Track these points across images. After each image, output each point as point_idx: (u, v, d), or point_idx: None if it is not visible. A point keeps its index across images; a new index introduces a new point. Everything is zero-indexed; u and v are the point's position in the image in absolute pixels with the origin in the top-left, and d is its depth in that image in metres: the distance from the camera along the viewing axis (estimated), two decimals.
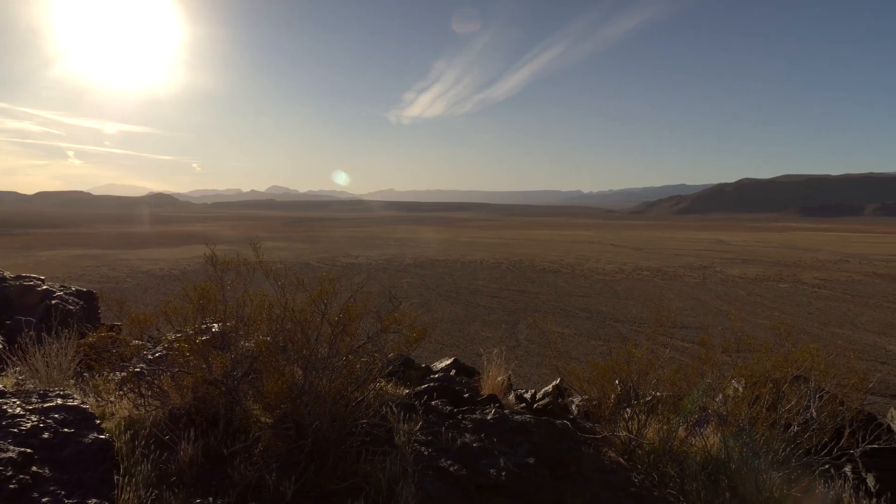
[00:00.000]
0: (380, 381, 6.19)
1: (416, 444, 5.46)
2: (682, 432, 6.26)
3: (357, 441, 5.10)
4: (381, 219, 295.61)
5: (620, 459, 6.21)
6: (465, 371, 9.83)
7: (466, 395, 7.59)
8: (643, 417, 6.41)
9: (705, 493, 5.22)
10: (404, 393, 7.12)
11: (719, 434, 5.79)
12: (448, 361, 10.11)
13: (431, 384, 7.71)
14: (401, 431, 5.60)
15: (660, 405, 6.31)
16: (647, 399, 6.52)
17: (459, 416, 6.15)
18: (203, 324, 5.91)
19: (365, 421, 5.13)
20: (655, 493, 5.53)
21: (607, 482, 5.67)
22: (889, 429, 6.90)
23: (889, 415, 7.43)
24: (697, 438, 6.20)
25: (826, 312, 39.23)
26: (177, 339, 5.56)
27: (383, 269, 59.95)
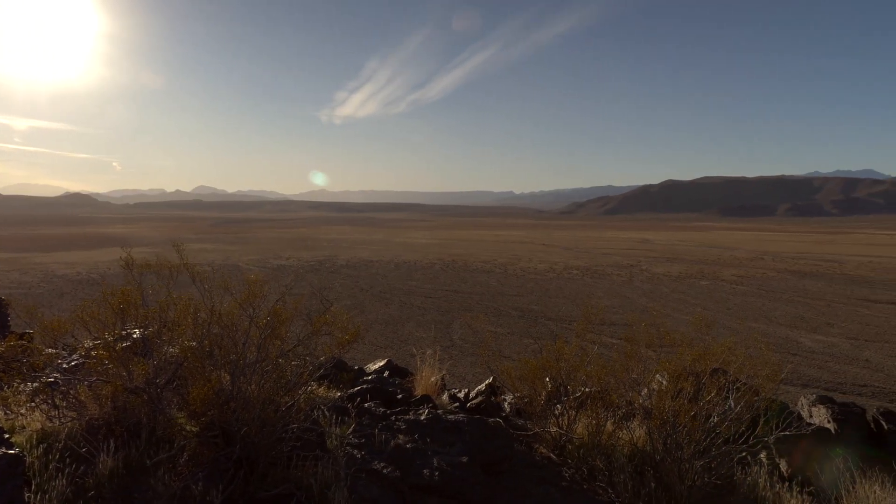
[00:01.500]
0: (311, 385, 6.09)
1: (348, 448, 5.40)
2: (610, 426, 6.43)
3: (288, 446, 4.99)
4: (313, 220, 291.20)
5: (551, 455, 6.33)
6: (399, 372, 9.80)
7: (400, 397, 7.57)
8: (573, 413, 6.55)
9: (632, 485, 5.38)
10: (337, 396, 7.03)
11: (645, 427, 5.97)
12: (381, 363, 10.06)
13: (365, 386, 7.65)
14: (333, 435, 5.53)
15: (589, 400, 6.46)
16: (577, 395, 6.66)
17: (393, 418, 6.13)
18: (123, 330, 5.65)
19: (295, 425, 5.03)
20: (585, 487, 5.67)
21: (539, 478, 5.77)
22: (799, 416, 7.31)
23: (799, 403, 7.87)
24: (625, 432, 6.39)
25: (743, 308, 41.19)
26: (94, 347, 5.29)
27: (315, 271, 59.04)
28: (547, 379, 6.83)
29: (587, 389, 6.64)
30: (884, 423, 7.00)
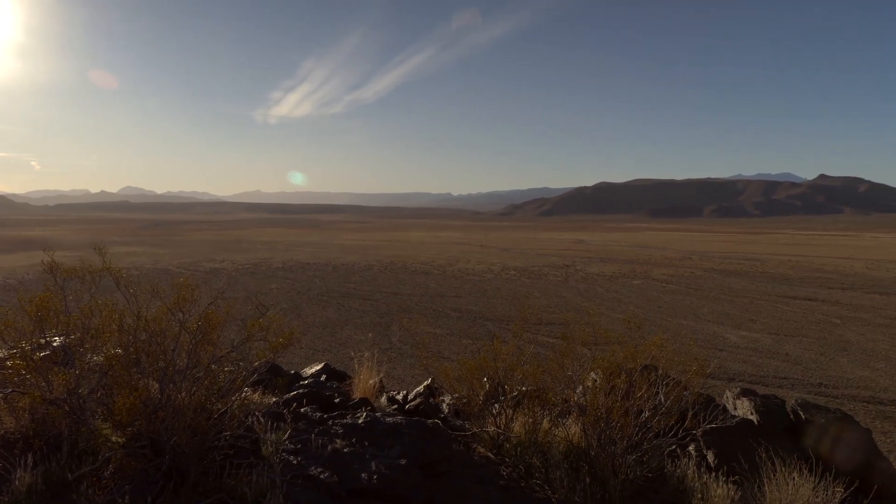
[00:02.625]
0: (245, 391, 5.94)
1: (284, 454, 5.30)
2: (546, 424, 6.53)
3: (221, 455, 4.85)
4: (248, 221, 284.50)
5: (489, 454, 6.38)
6: (337, 376, 9.69)
7: (337, 400, 7.48)
8: (510, 412, 6.63)
9: (568, 481, 5.49)
10: (272, 401, 6.89)
11: (580, 424, 6.10)
12: (318, 367, 9.92)
13: (301, 391, 7.52)
14: (268, 441, 5.41)
15: (526, 399, 6.55)
16: (514, 394, 6.74)
17: (330, 422, 6.05)
18: (42, 338, 5.37)
19: (229, 433, 4.90)
20: (522, 485, 5.74)
21: (477, 477, 5.81)
22: (725, 409, 7.62)
23: (725, 396, 8.20)
24: (561, 429, 6.51)
25: (673, 305, 42.68)
26: (10, 357, 5.00)
27: (250, 274, 57.70)
28: (485, 379, 6.88)
29: (524, 388, 6.73)
30: (801, 414, 7.38)
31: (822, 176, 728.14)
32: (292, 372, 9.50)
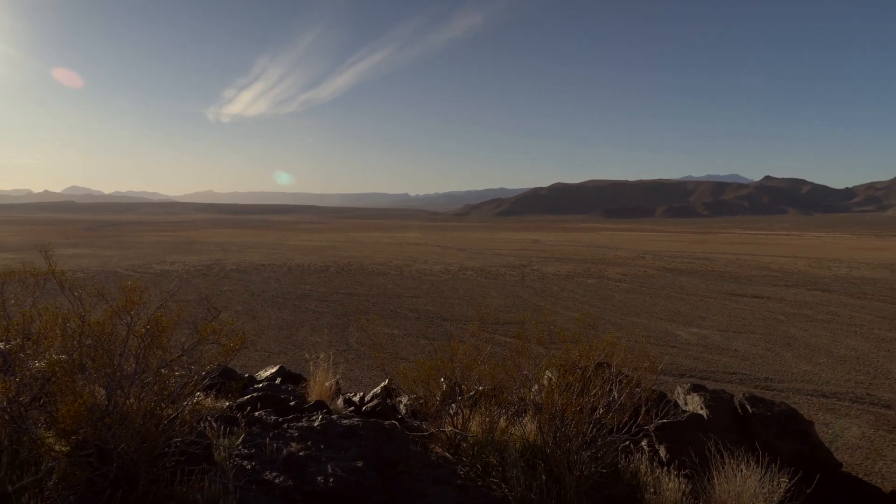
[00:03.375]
0: (197, 396, 5.81)
1: (238, 459, 5.20)
2: (503, 423, 6.58)
3: (171, 461, 4.73)
4: (200, 222, 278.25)
5: (447, 454, 6.39)
6: (292, 378, 9.56)
7: (293, 403, 7.38)
8: (467, 412, 6.65)
9: (524, 478, 5.53)
10: (225, 406, 6.75)
11: (536, 422, 6.16)
12: (273, 370, 9.77)
13: (255, 394, 7.40)
14: (221, 447, 5.30)
15: (482, 399, 6.58)
16: (471, 394, 6.77)
17: (285, 426, 5.96)
18: None
19: (179, 439, 4.78)
20: (479, 483, 5.76)
21: (434, 477, 5.80)
22: (676, 404, 7.81)
23: (676, 392, 8.40)
24: (517, 427, 6.56)
25: (626, 304, 43.49)
26: None
27: (202, 276, 56.46)
28: (442, 379, 6.89)
29: (481, 388, 6.76)
30: (749, 408, 7.62)
31: (768, 177, 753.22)
32: (246, 375, 9.34)
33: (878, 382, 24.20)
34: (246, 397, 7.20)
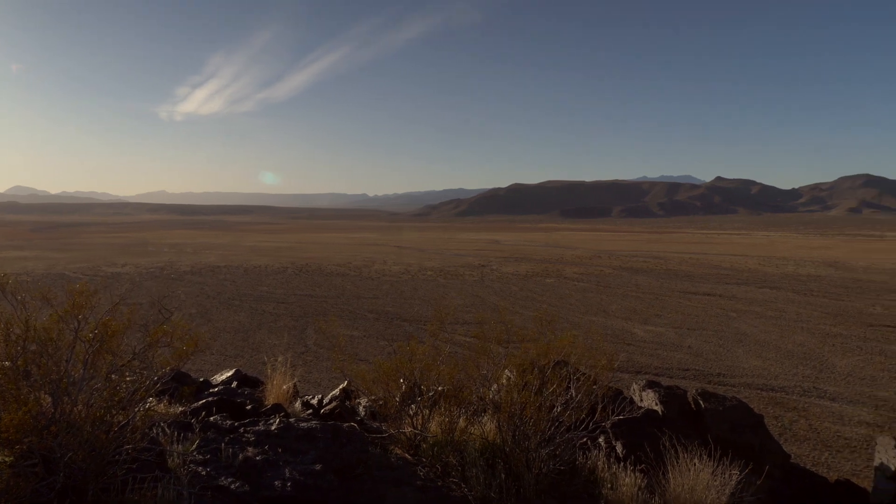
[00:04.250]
0: (149, 401, 5.65)
1: (192, 465, 5.08)
2: (462, 423, 6.59)
3: (122, 469, 4.59)
4: (152, 223, 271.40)
5: (407, 455, 6.37)
6: (249, 382, 9.39)
7: (250, 407, 7.26)
8: (427, 412, 6.64)
9: (484, 477, 5.55)
10: (179, 411, 6.59)
11: (495, 421, 6.19)
12: (229, 373, 9.59)
13: (210, 399, 7.25)
14: (175, 453, 5.18)
15: (442, 399, 6.58)
16: (431, 394, 6.76)
17: (241, 430, 5.86)
18: None
19: (130, 446, 4.64)
20: (439, 484, 5.76)
21: (394, 479, 5.77)
22: (632, 401, 7.94)
23: (632, 388, 8.55)
24: (476, 427, 6.58)
25: (584, 303, 44.14)
26: None
27: (155, 278, 55.13)
28: (401, 380, 6.86)
29: (441, 388, 6.76)
30: (701, 403, 7.80)
31: (719, 178, 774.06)
32: (201, 379, 9.14)
33: (824, 376, 25.10)
34: (201, 402, 7.04)
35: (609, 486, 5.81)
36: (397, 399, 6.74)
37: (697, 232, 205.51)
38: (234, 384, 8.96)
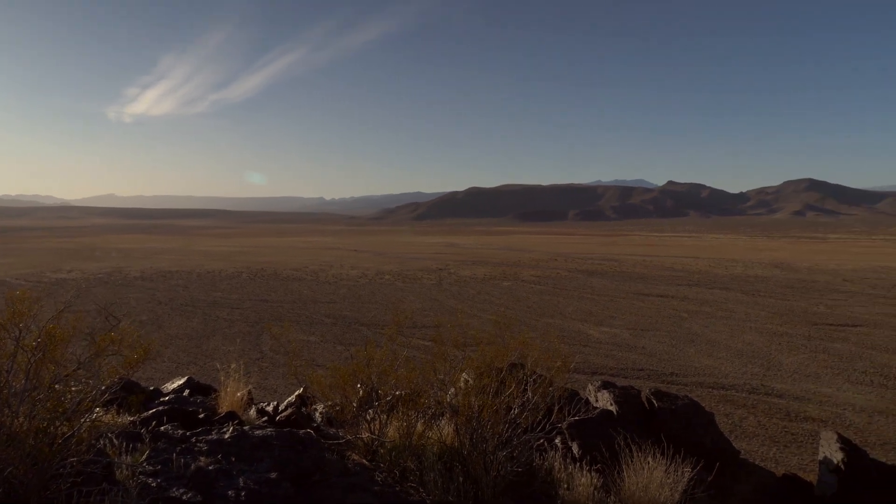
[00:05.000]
0: (96, 412, 5.47)
1: (141, 476, 4.93)
2: (420, 427, 6.57)
3: (67, 483, 4.42)
4: (101, 227, 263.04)
5: (364, 461, 6.31)
6: (202, 390, 9.19)
7: (202, 416, 7.10)
8: (384, 417, 6.59)
9: (442, 481, 5.54)
10: (128, 421, 6.39)
11: (453, 424, 6.19)
12: (181, 381, 9.36)
13: (161, 408, 7.06)
14: (123, 465, 5.01)
15: (400, 403, 6.55)
16: (388, 399, 6.72)
17: (194, 439, 5.72)
18: None
19: (76, 459, 4.48)
20: (397, 489, 5.73)
21: (352, 485, 5.72)
22: (587, 401, 8.06)
23: (587, 389, 8.67)
24: (434, 431, 6.57)
25: (541, 305, 44.58)
26: None
27: (103, 284, 53.48)
28: (358, 385, 6.80)
29: (398, 393, 6.73)
30: (655, 402, 7.96)
31: (671, 182, 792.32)
32: (152, 388, 8.90)
33: (772, 374, 25.91)
34: (151, 411, 6.85)
35: (566, 486, 5.87)
36: (354, 404, 6.68)
37: (650, 235, 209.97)
38: (187, 392, 8.75)
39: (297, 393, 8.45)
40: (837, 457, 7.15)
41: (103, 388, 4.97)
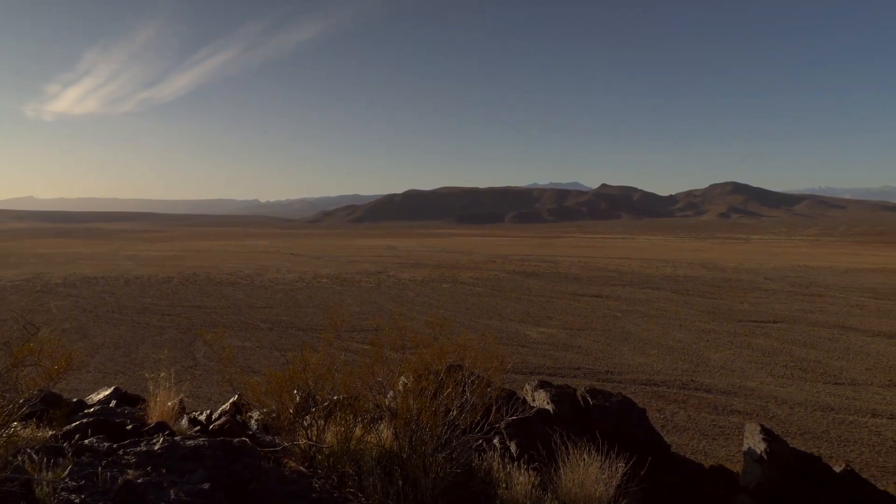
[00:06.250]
0: (14, 426, 5.18)
1: (64, 493, 4.70)
2: (359, 431, 6.51)
3: None
4: (18, 231, 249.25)
5: (301, 468, 6.21)
6: (130, 400, 8.84)
7: (130, 427, 6.82)
8: (322, 423, 6.51)
9: (381, 486, 5.51)
10: (49, 435, 6.08)
11: (392, 427, 6.16)
12: (107, 392, 8.97)
13: (85, 420, 6.74)
14: (43, 481, 4.76)
15: (338, 408, 6.47)
16: (326, 404, 6.63)
17: (121, 452, 5.49)
18: None
19: None
20: (336, 495, 5.66)
21: (289, 493, 5.62)
22: (525, 401, 8.17)
23: (524, 389, 8.80)
24: (373, 435, 6.52)
25: (479, 307, 44.95)
26: None
27: (20, 291, 50.72)
28: (295, 391, 6.68)
29: (336, 397, 6.65)
30: (590, 400, 8.16)
31: (604, 185, 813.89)
32: (75, 400, 8.49)
33: (700, 370, 26.94)
34: (74, 424, 6.53)
35: (504, 485, 5.92)
36: (291, 411, 6.56)
37: (585, 236, 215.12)
38: (113, 403, 8.40)
39: (231, 401, 8.24)
40: (760, 447, 7.49)
41: (21, 401, 4.71)
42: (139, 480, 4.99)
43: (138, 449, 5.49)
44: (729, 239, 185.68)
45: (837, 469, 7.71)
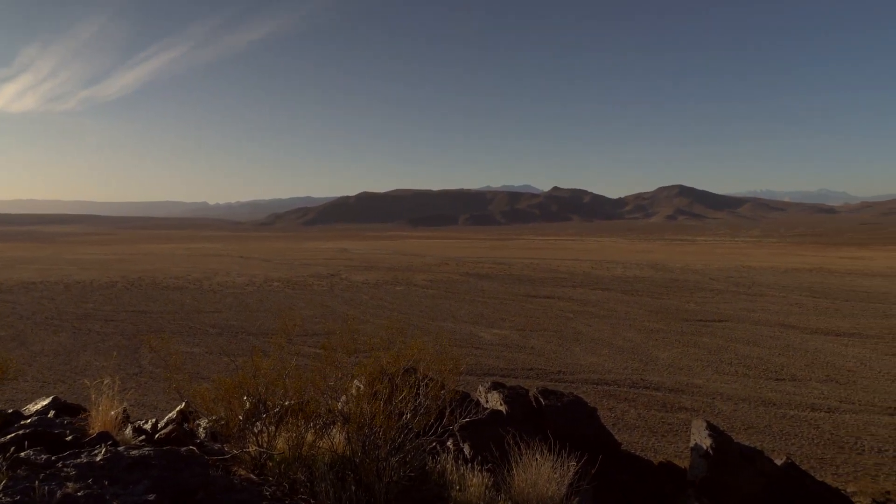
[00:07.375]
0: None
1: None
2: (311, 437, 6.40)
3: None
4: None
5: (251, 476, 6.08)
6: (70, 410, 8.48)
7: (70, 438, 6.54)
8: (273, 429, 6.38)
9: (334, 491, 5.43)
10: None
11: (344, 432, 6.09)
12: (46, 401, 8.59)
13: (21, 432, 6.44)
14: None
15: (289, 414, 6.36)
16: (277, 410, 6.51)
17: (60, 464, 5.26)
18: None
19: None
20: (287, 502, 5.56)
21: (237, 500, 5.49)
22: (478, 403, 8.20)
23: (478, 390, 8.83)
24: (325, 440, 6.43)
25: (433, 309, 44.98)
26: None
27: None
28: (245, 397, 6.54)
29: (287, 403, 6.53)
30: (542, 400, 8.24)
31: (556, 188, 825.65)
32: (10, 411, 8.11)
33: (650, 368, 27.55)
34: (9, 436, 6.23)
35: (458, 487, 5.92)
36: (241, 417, 6.42)
37: (537, 238, 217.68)
38: (52, 413, 8.05)
39: (178, 408, 8.00)
40: (706, 443, 7.69)
41: None
42: (79, 493, 4.79)
43: (78, 461, 5.27)
44: (676, 240, 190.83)
45: (779, 462, 7.99)
